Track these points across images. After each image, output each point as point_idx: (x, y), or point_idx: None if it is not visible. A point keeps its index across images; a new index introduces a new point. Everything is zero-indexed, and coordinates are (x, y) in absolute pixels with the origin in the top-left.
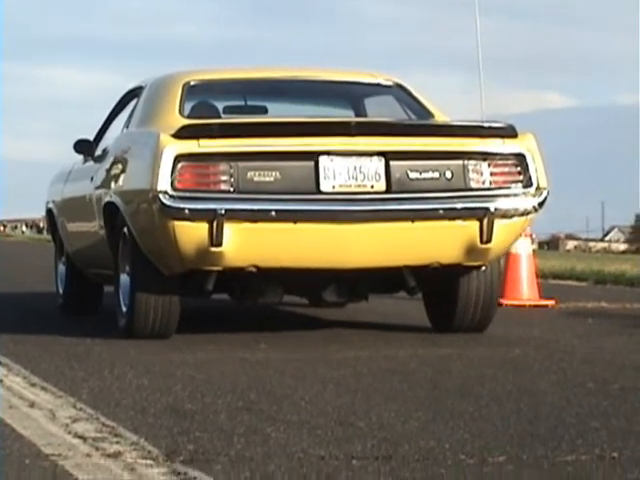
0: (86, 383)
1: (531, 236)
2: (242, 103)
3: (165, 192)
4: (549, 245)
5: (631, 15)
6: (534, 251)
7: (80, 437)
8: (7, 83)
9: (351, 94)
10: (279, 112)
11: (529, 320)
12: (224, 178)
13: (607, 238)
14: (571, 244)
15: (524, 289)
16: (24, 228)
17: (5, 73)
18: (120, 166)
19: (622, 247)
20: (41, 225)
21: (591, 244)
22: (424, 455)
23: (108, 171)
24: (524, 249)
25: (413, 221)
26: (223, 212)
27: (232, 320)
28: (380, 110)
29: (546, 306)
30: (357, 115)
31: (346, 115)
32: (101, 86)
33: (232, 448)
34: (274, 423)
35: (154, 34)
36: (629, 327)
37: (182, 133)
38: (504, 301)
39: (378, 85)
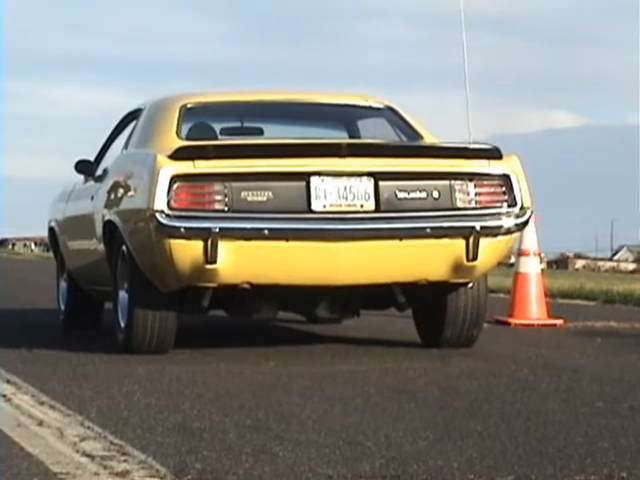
0: (94, 401)
1: (540, 255)
2: (238, 125)
3: (161, 211)
4: (558, 264)
5: None
6: (542, 270)
7: (88, 456)
8: (12, 100)
9: (344, 116)
10: (275, 134)
11: (537, 339)
12: (218, 198)
13: (616, 257)
14: (580, 263)
15: (533, 308)
16: (33, 246)
17: (9, 90)
18: (119, 186)
19: (631, 267)
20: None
21: (600, 263)
22: (432, 475)
23: (108, 191)
24: (532, 268)
25: (401, 239)
26: (217, 230)
27: (241, 337)
28: (372, 132)
29: (555, 325)
30: (351, 137)
31: (340, 137)
32: (104, 104)
33: (240, 467)
34: (282, 442)
35: (157, 53)
36: (638, 346)
37: (178, 154)
38: (512, 320)
39: (370, 108)
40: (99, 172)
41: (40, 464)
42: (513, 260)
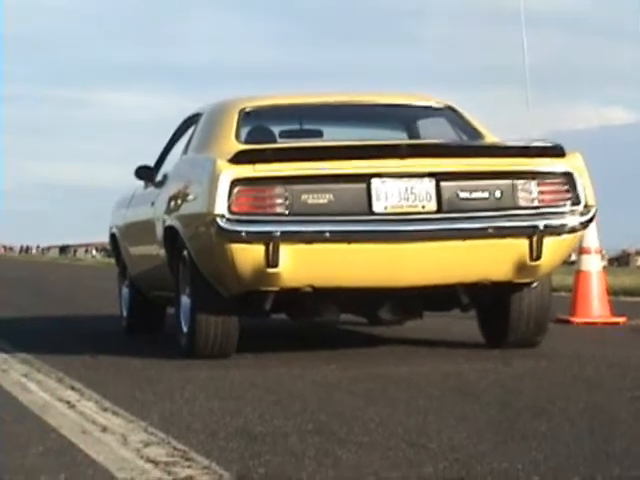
0: (157, 407)
1: (601, 253)
2: (298, 127)
3: (222, 215)
4: (619, 261)
5: None
6: (604, 268)
7: (152, 461)
8: (73, 107)
9: (404, 117)
10: (334, 136)
11: (600, 338)
12: (279, 201)
13: None
14: None
15: (595, 306)
16: (94, 252)
17: (71, 97)
18: (179, 191)
19: None
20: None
21: None
22: (497, 476)
23: (168, 196)
24: (594, 266)
25: (464, 240)
26: (279, 234)
27: (302, 340)
28: (432, 132)
29: (617, 323)
30: (410, 137)
31: (400, 138)
32: (164, 110)
33: (303, 471)
34: (345, 445)
35: (217, 58)
36: None
37: (238, 158)
38: (575, 319)
39: (430, 108)
40: (159, 177)
41: (105, 471)
42: (574, 258)
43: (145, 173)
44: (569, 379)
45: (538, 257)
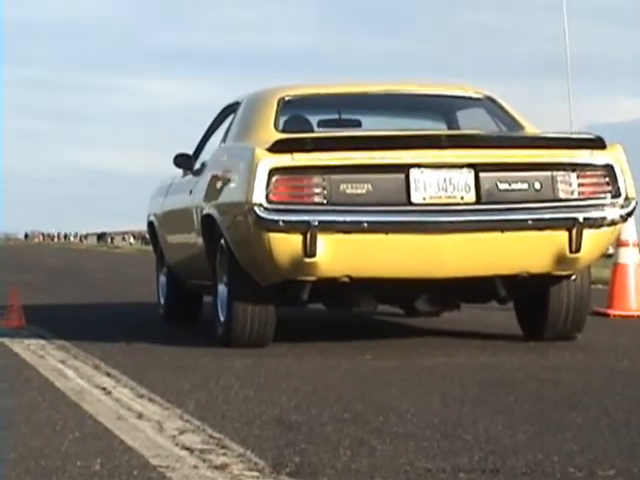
0: (193, 395)
1: (639, 245)
2: (336, 117)
3: (260, 204)
4: None
5: None
6: None
7: (187, 449)
8: (111, 94)
9: (443, 107)
10: (373, 126)
11: (637, 331)
12: (317, 190)
13: None
14: None
15: (632, 299)
16: (131, 240)
17: (108, 84)
18: (217, 179)
19: None
20: (147, 237)
21: None
22: (532, 468)
23: (206, 184)
24: (631, 259)
25: (503, 231)
26: (316, 224)
27: (337, 330)
28: (472, 122)
29: None
30: (449, 128)
31: (438, 128)
32: (202, 98)
33: (338, 460)
34: (380, 435)
35: (252, 44)
36: None
37: (276, 147)
38: (612, 311)
39: (469, 98)
40: (197, 166)
41: (140, 457)
42: (611, 251)
43: (183, 161)
44: (605, 371)
45: (577, 250)
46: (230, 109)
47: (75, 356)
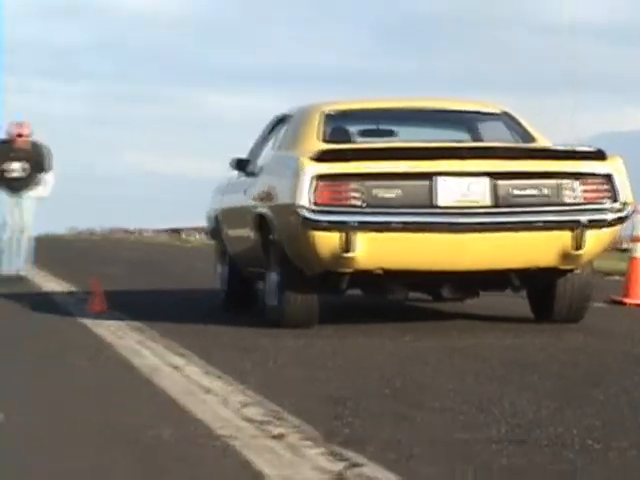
0: (253, 372)
1: None
2: (373, 128)
3: (305, 207)
4: None
5: None
6: None
7: (249, 420)
8: (184, 107)
9: (467, 121)
10: (405, 137)
11: None
12: (355, 195)
13: None
14: None
15: None
16: (197, 235)
17: (180, 96)
18: (269, 183)
19: None
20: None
21: None
22: (554, 440)
23: (259, 187)
24: None
25: (515, 231)
26: (354, 224)
27: (377, 314)
28: (492, 134)
29: None
30: (473, 139)
31: (463, 139)
32: (259, 110)
33: (382, 432)
34: (419, 409)
35: (303, 63)
36: None
37: (320, 156)
38: (628, 300)
39: (489, 113)
40: (252, 169)
41: (207, 427)
42: (625, 246)
43: (240, 164)
44: (622, 355)
45: (580, 247)
46: (281, 120)
47: (150, 337)
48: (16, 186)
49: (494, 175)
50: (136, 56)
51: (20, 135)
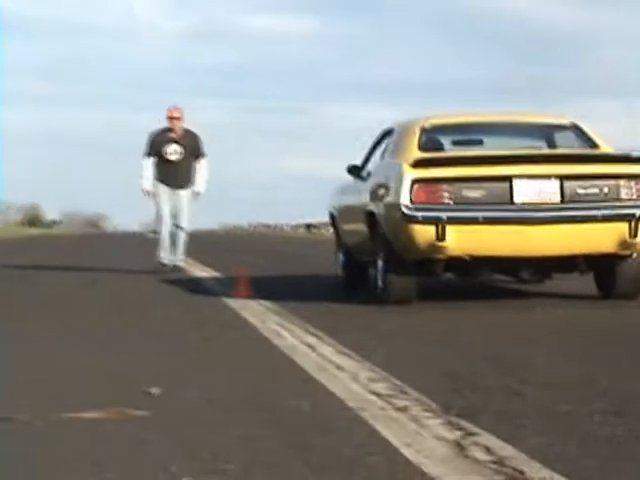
0: (379, 350)
1: None
2: (464, 138)
3: (406, 205)
4: None
5: None
6: None
7: (376, 394)
8: (316, 118)
9: (544, 131)
10: (492, 145)
11: None
12: (445, 194)
13: None
14: None
15: None
16: (327, 229)
17: (303, 109)
18: (377, 186)
19: None
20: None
21: None
22: None
23: (369, 189)
24: None
25: (580, 223)
26: (446, 219)
27: (470, 294)
28: (563, 142)
29: None
30: (549, 147)
31: (541, 147)
32: (364, 121)
33: (494, 404)
34: (527, 384)
35: (424, 77)
36: None
37: (417, 164)
38: None
39: (561, 125)
40: (363, 174)
41: (339, 400)
42: None
43: (354, 170)
44: None
45: (635, 236)
46: (387, 132)
47: (288, 319)
48: (174, 175)
49: (562, 177)
50: (276, 72)
51: (172, 117)
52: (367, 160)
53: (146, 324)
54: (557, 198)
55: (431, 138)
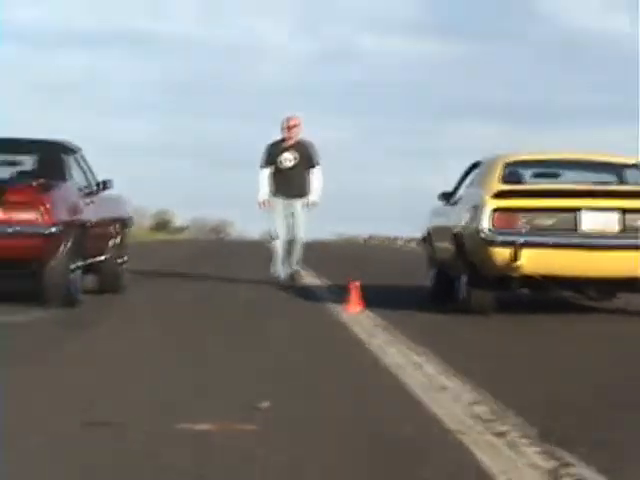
0: (483, 371)
1: None
2: (542, 172)
3: (486, 229)
4: None
5: None
6: None
7: (477, 417)
8: (420, 136)
9: (614, 169)
10: (568, 179)
11: None
12: (521, 222)
13: None
14: None
15: None
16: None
17: (414, 128)
18: (463, 211)
19: None
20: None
21: None
22: None
23: (456, 213)
24: None
25: (637, 250)
26: (520, 242)
27: (544, 309)
28: (631, 179)
29: None
30: (617, 183)
31: (611, 182)
32: (482, 140)
33: (594, 433)
34: (628, 409)
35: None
36: None
37: (497, 195)
38: None
39: (628, 164)
40: (452, 200)
41: (440, 422)
42: None
43: (445, 196)
44: None
45: None
46: (475, 165)
47: (395, 335)
48: (288, 184)
49: (624, 210)
50: (386, 92)
51: (289, 126)
52: (457, 188)
53: (257, 338)
54: (619, 228)
55: (512, 171)
